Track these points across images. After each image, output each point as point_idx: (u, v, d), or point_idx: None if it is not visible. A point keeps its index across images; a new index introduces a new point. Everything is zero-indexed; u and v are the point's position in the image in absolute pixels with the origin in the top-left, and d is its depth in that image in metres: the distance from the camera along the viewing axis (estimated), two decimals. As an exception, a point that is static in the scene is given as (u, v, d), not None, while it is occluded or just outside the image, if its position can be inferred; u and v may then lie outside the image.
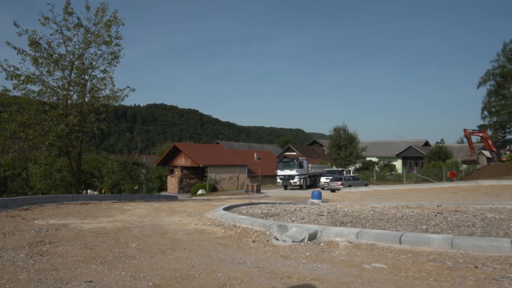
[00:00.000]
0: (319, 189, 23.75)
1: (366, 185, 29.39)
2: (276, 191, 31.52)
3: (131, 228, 6.58)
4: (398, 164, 54.36)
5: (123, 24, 13.87)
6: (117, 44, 13.97)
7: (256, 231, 6.21)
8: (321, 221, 7.35)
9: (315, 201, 14.74)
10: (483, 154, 40.52)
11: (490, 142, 36.94)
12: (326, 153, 49.85)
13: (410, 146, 54.88)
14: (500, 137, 53.44)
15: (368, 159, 52.86)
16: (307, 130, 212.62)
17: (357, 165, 49.19)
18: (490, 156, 38.47)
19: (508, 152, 35.52)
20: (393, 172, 45.92)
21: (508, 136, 51.85)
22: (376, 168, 47.84)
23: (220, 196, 25.46)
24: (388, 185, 28.90)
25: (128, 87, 14.48)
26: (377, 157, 55.60)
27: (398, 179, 39.60)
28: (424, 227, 6.34)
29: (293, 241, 5.20)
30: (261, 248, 5.07)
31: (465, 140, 36.77)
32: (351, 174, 36.01)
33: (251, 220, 7.04)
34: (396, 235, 4.89)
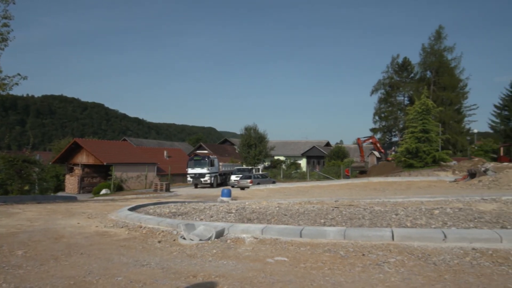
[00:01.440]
0: (229, 187, 24.09)
1: (273, 182, 30.73)
2: (186, 189, 31.04)
3: (18, 234, 5.85)
4: (303, 162, 58.01)
5: (13, 3, 12.28)
6: (5, 25, 12.31)
7: (162, 231, 6.05)
8: (229, 219, 7.46)
9: (225, 199, 14.91)
10: (373, 154, 45.58)
11: (378, 145, 41.70)
12: (237, 151, 50.82)
13: (314, 146, 59.03)
14: (387, 139, 60.64)
15: (276, 157, 55.32)
16: (219, 129, 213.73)
17: (266, 164, 51.13)
18: (379, 156, 43.47)
19: (393, 153, 40.50)
20: (298, 170, 48.81)
21: (394, 139, 59.13)
22: (283, 166, 50.40)
23: (126, 196, 24.10)
24: (294, 183, 30.63)
25: (18, 74, 12.85)
26: (285, 156, 58.57)
27: (302, 177, 42.20)
28: (322, 220, 6.88)
29: (200, 240, 5.20)
30: (167, 248, 4.96)
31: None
32: (260, 172, 37.28)
33: (158, 220, 6.83)
34: (298, 229, 5.23)
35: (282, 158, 56.73)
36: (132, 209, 8.88)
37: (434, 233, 4.69)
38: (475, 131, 54.82)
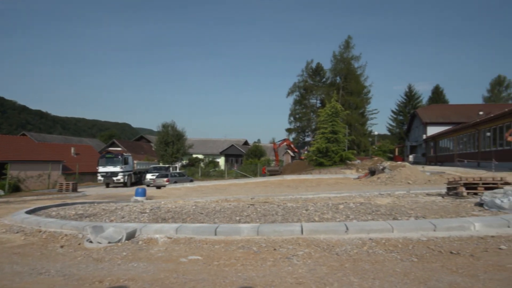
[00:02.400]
0: (144, 186, 23.11)
1: (191, 181, 30.32)
2: (96, 189, 28.93)
3: None
4: (221, 161, 58.28)
5: None
6: None
7: (66, 235, 5.56)
8: (142, 219, 7.17)
9: (139, 198, 14.27)
10: (288, 153, 47.81)
11: (292, 145, 44.05)
12: (153, 149, 48.94)
13: (232, 145, 59.73)
14: (301, 139, 64.07)
15: (194, 156, 54.66)
16: (134, 125, 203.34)
17: (184, 162, 50.21)
18: (293, 155, 45.81)
19: (306, 152, 42.99)
20: (217, 169, 48.94)
21: (307, 139, 62.71)
22: (202, 164, 50.02)
23: (24, 197, 21.54)
24: (212, 181, 30.61)
25: None
26: (203, 154, 58.18)
27: (220, 175, 42.41)
28: (238, 218, 7.00)
29: (109, 242, 4.90)
30: (71, 253, 4.58)
31: (282, 146, 42.90)
32: (178, 171, 36.48)
33: (61, 222, 6.26)
34: (213, 227, 5.25)
35: (200, 156, 56.26)
36: (30, 211, 7.99)
37: (338, 226, 5.10)
38: (376, 133, 60.96)
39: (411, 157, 44.96)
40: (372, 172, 19.70)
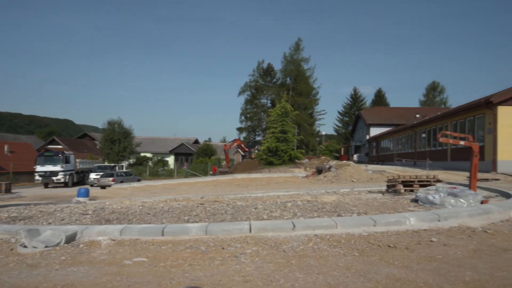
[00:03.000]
0: (88, 186, 21.93)
1: (138, 180, 29.31)
2: (34, 190, 26.92)
3: None
4: (171, 160, 57.02)
5: None
6: None
7: (-4, 240, 5.12)
8: (84, 221, 6.81)
9: (81, 199, 13.51)
10: (239, 152, 48.00)
11: (243, 145, 44.29)
12: (98, 147, 46.60)
13: (182, 143, 58.68)
14: (252, 138, 64.61)
15: (142, 154, 52.94)
16: (77, 122, 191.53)
17: (131, 161, 48.42)
18: (244, 154, 46.08)
19: (256, 151, 43.43)
20: (166, 168, 47.82)
21: (258, 138, 63.38)
22: (150, 163, 48.55)
23: None
24: (160, 180, 29.83)
25: None
26: (152, 153, 56.52)
27: (170, 174, 41.49)
28: (186, 217, 6.90)
29: (46, 246, 4.59)
30: (2, 260, 4.23)
31: (230, 143, 42.84)
32: (124, 170, 35.09)
33: (-9, 227, 5.75)
34: (160, 227, 5.12)
35: (149, 155, 54.60)
36: (-47, 215, 7.25)
37: (285, 224, 5.22)
38: (323, 133, 63.20)
39: (355, 157, 47.24)
40: (319, 171, 20.39)
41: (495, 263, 3.74)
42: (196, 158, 49.61)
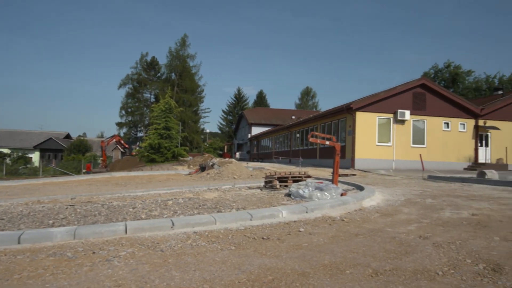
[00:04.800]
0: None
1: (-9, 181, 24.87)
2: None
3: None
4: (35, 156, 50.05)
5: None
6: None
7: None
8: None
9: None
10: (118, 148, 44.94)
11: (122, 141, 41.43)
12: None
13: (51, 138, 52.08)
14: (133, 134, 61.24)
15: (-3, 150, 45.13)
16: None
17: (-19, 157, 40.83)
18: (124, 151, 43.32)
19: (137, 148, 41.30)
20: (29, 165, 41.80)
21: (139, 134, 60.39)
22: (8, 160, 41.74)
23: None
24: (21, 180, 25.86)
25: None
26: (11, 149, 48.65)
27: (34, 173, 36.41)
28: (51, 221, 6.15)
29: None
30: None
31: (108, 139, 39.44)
32: (-29, 168, 29.40)
33: None
34: (15, 235, 4.45)
35: (6, 151, 46.82)
36: None
37: (164, 222, 5.10)
38: (208, 131, 63.88)
39: (238, 154, 49.04)
40: (203, 168, 20.52)
41: (348, 246, 4.35)
42: (68, 155, 44.59)
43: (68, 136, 60.09)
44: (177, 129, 32.06)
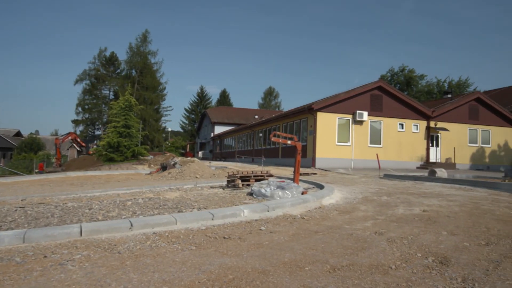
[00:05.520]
0: None
1: None
2: None
3: None
4: (-20, 155, 46.55)
5: None
6: None
7: None
8: None
9: None
10: (74, 147, 42.96)
11: (78, 139, 39.46)
12: None
13: (-2, 136, 48.70)
14: (90, 132, 58.78)
15: None
16: None
17: None
18: (80, 150, 41.46)
19: (95, 146, 39.68)
20: (-27, 165, 38.82)
21: (97, 132, 58.08)
22: None
23: None
24: (-36, 181, 23.99)
25: None
26: (-49, 147, 44.95)
27: (-22, 173, 33.85)
28: (-2, 225, 5.77)
29: None
30: None
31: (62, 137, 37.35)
32: None
33: None
34: (-44, 240, 4.13)
35: None
36: None
37: (121, 223, 4.95)
38: (170, 129, 62.68)
39: (200, 153, 48.54)
40: (164, 168, 20.10)
41: (308, 244, 4.45)
42: (18, 153, 41.95)
43: (18, 134, 56.55)
44: (138, 128, 31.18)
